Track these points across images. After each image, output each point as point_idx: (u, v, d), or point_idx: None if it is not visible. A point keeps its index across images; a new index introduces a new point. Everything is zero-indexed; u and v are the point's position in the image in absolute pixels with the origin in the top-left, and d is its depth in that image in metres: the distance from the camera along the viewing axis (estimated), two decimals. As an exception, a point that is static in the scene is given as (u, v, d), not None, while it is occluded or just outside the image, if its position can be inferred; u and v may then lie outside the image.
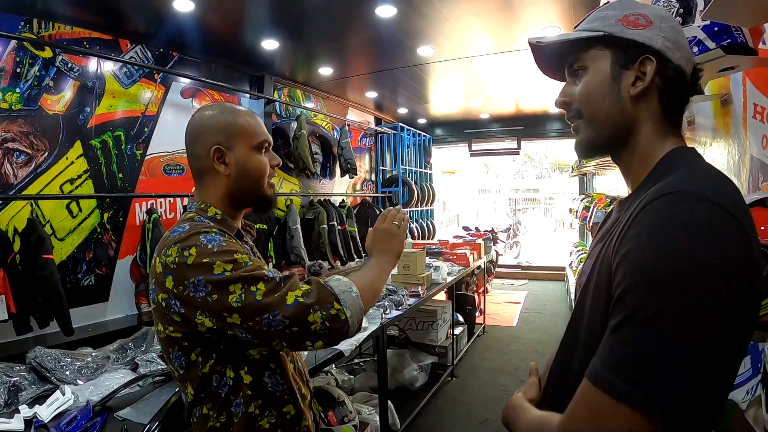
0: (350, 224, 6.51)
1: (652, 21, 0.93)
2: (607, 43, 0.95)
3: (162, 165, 4.36)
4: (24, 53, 3.32)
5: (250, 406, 1.28)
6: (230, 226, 1.39)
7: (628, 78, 0.93)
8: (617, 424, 0.71)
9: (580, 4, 3.93)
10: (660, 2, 1.71)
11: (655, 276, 0.72)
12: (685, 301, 0.69)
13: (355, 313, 1.23)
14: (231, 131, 1.37)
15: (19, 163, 3.29)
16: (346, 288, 1.25)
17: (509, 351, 5.84)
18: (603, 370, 0.74)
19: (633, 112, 0.94)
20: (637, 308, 0.72)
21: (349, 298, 1.23)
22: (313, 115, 6.64)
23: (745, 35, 1.50)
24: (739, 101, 2.05)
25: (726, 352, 0.72)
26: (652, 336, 0.70)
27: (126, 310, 3.98)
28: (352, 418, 2.91)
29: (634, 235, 0.78)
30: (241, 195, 1.41)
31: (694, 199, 0.75)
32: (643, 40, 0.92)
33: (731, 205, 0.75)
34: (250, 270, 1.19)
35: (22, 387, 1.97)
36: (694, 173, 0.85)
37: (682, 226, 0.73)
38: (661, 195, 0.78)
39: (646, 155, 0.95)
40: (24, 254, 3.00)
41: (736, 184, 0.82)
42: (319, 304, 1.18)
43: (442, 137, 10.44)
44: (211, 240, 1.22)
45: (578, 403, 0.79)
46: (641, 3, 0.98)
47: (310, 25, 4.28)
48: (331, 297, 1.20)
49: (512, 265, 11.61)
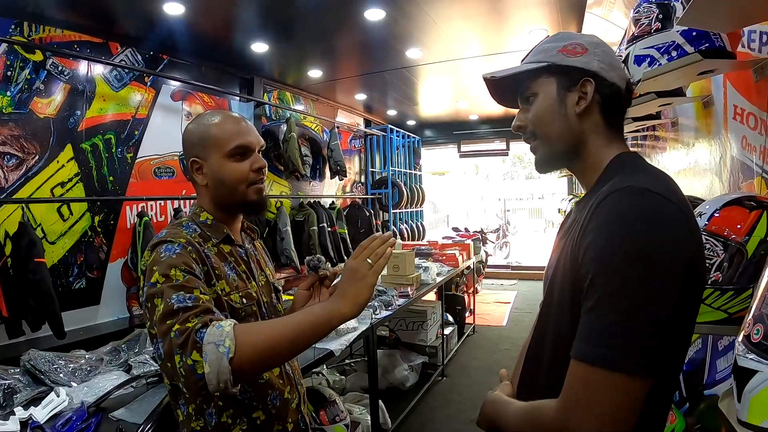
0: (340, 226, 6.53)
1: (587, 48, 1.07)
2: (551, 71, 1.08)
3: (152, 168, 4.36)
4: (15, 56, 3.32)
5: (222, 416, 1.30)
6: (218, 231, 1.41)
7: (572, 99, 1.06)
8: (611, 391, 0.82)
9: (567, 7, 3.98)
10: (640, 8, 1.75)
11: (614, 259, 0.85)
12: (642, 277, 0.82)
13: (215, 370, 1.04)
14: (204, 142, 1.40)
15: (9, 167, 3.28)
16: (216, 340, 1.06)
17: (499, 350, 5.88)
18: (587, 346, 0.85)
19: (579, 127, 1.07)
20: (605, 288, 0.84)
21: (213, 352, 1.05)
22: (303, 118, 6.65)
23: (723, 39, 1.55)
24: (720, 103, 2.10)
25: (679, 316, 0.85)
26: (621, 308, 0.82)
27: (117, 313, 3.98)
28: (343, 417, 2.93)
29: (593, 228, 0.90)
30: (223, 202, 1.44)
31: (639, 192, 0.88)
32: (581, 65, 1.05)
33: (671, 194, 0.89)
34: (169, 288, 1.15)
35: (16, 389, 1.98)
36: (637, 172, 0.98)
37: (632, 215, 0.86)
38: (612, 192, 0.90)
39: (596, 161, 1.08)
40: (15, 258, 3.00)
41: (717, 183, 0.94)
42: (181, 348, 1.06)
43: (432, 139, 10.49)
44: (168, 249, 1.24)
45: (571, 382, 0.88)
46: (577, 34, 1.14)
47: (299, 28, 4.30)
48: (194, 345, 1.05)
49: (502, 265, 11.68)
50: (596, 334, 0.84)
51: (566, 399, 0.88)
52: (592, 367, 0.83)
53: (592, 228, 0.90)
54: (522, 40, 4.74)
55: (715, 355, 1.73)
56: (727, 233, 1.30)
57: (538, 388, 1.05)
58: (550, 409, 0.91)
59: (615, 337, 0.82)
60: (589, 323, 0.86)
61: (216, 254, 1.38)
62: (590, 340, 0.85)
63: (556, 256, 1.07)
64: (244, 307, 1.37)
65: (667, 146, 3.33)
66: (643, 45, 1.73)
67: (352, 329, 2.88)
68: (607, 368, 0.82)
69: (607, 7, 3.75)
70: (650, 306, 0.81)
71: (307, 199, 6.33)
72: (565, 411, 0.87)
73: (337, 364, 4.68)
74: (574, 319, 0.91)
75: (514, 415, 1.05)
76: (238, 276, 1.41)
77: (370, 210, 7.61)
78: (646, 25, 1.73)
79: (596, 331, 0.84)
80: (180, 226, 1.38)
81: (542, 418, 0.93)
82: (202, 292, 1.18)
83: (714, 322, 1.30)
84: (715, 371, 1.71)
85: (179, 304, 1.12)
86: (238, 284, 1.39)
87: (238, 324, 1.12)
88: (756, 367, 0.87)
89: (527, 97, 1.13)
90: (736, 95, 1.89)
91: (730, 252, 1.28)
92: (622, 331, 0.81)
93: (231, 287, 1.36)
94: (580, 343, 0.87)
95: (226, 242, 1.43)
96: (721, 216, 1.33)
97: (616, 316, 0.82)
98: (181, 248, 1.25)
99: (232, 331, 1.08)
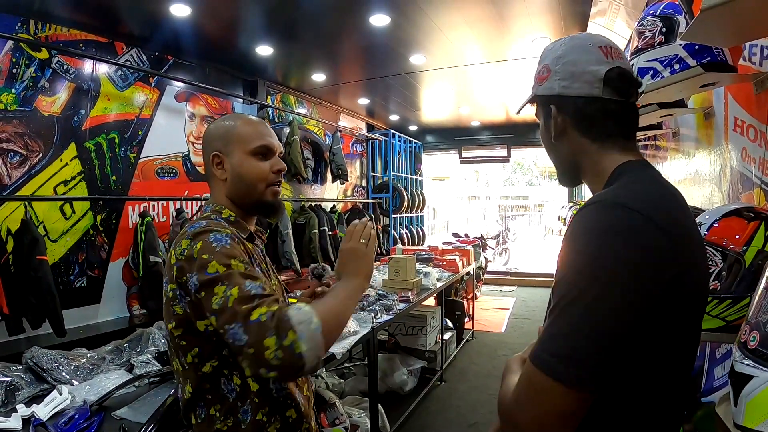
0: (341, 230, 6.54)
1: (551, 69, 1.06)
2: (535, 100, 1.13)
3: (155, 168, 4.38)
4: (20, 54, 3.34)
5: (258, 413, 1.30)
6: (244, 228, 1.43)
7: (549, 125, 1.09)
8: (547, 395, 0.82)
9: (570, 16, 4.01)
10: (644, 21, 1.77)
11: (572, 270, 0.87)
12: (596, 291, 0.81)
13: (312, 347, 1.11)
14: (228, 137, 1.43)
15: (13, 164, 3.31)
16: (305, 318, 1.12)
17: (497, 356, 5.88)
18: (537, 349, 0.86)
19: (563, 149, 1.10)
20: (562, 297, 0.85)
21: (307, 330, 1.11)
22: (306, 121, 6.68)
23: (724, 53, 1.57)
24: (720, 114, 2.12)
25: (635, 333, 0.82)
26: (570, 318, 0.83)
27: (117, 312, 4.00)
28: (343, 420, 2.94)
29: (565, 238, 0.92)
30: (240, 199, 1.45)
31: (611, 206, 0.88)
32: (546, 92, 1.07)
33: (651, 209, 0.86)
34: (238, 275, 1.18)
35: (19, 386, 1.99)
36: (623, 185, 0.96)
37: (596, 229, 0.87)
38: (587, 204, 0.91)
39: (598, 174, 1.05)
40: (17, 255, 3.02)
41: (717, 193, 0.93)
42: (277, 330, 1.09)
43: (433, 144, 10.51)
44: (219, 239, 1.24)
45: (521, 378, 0.90)
46: (551, 47, 1.10)
47: (304, 32, 4.33)
48: (288, 325, 1.10)
49: (501, 271, 11.65)
50: (545, 340, 0.86)
51: (516, 392, 0.90)
52: (536, 370, 0.84)
53: (564, 238, 0.93)
54: (525, 47, 4.77)
55: (712, 363, 1.75)
56: (725, 243, 1.31)
57: None
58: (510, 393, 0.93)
59: (557, 346, 0.83)
60: (545, 328, 0.88)
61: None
62: (540, 343, 0.86)
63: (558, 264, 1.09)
64: None
65: (668, 156, 3.34)
66: (646, 57, 1.75)
67: (353, 333, 2.89)
68: (543, 373, 0.83)
69: (611, 17, 3.78)
70: (595, 320, 0.81)
71: (309, 203, 6.36)
72: (513, 403, 0.90)
73: (336, 367, 4.68)
74: None
75: (504, 385, 1.04)
76: (263, 272, 1.41)
77: (371, 214, 7.65)
78: (649, 38, 1.75)
79: (546, 337, 0.86)
80: (207, 218, 1.38)
81: (505, 398, 0.94)
82: (265, 282, 1.23)
83: (712, 329, 1.32)
84: (712, 379, 1.72)
85: (255, 290, 1.16)
86: (264, 281, 1.37)
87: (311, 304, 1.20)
88: (752, 373, 0.89)
89: None
90: (737, 107, 1.91)
91: (729, 261, 1.30)
92: (565, 341, 0.82)
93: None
94: (536, 345, 0.88)
95: (250, 239, 1.46)
96: (720, 226, 1.35)
97: (562, 327, 0.84)
98: (230, 239, 1.27)
99: (313, 310, 1.16)
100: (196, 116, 4.83)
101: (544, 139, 1.13)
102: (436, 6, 3.78)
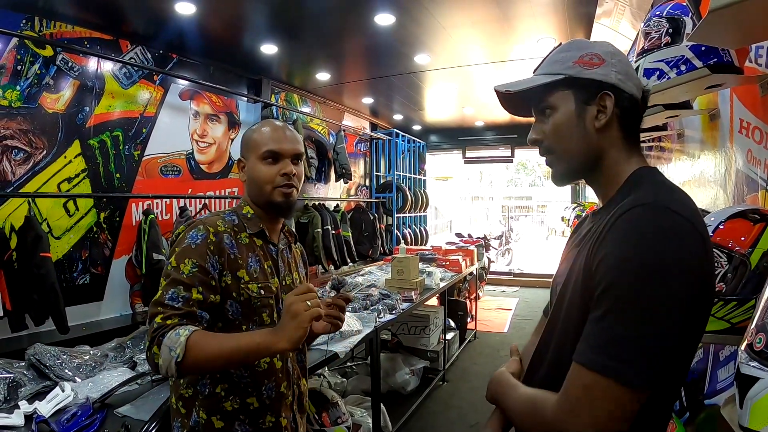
0: (344, 229, 6.56)
1: (604, 59, 1.04)
2: (568, 84, 1.06)
3: (159, 166, 4.39)
4: (25, 51, 3.35)
5: (216, 387, 1.45)
6: (254, 225, 1.57)
7: (591, 112, 1.04)
8: (608, 399, 0.84)
9: (576, 17, 4.00)
10: (650, 22, 1.77)
11: (630, 273, 0.86)
12: (656, 293, 0.83)
13: (166, 366, 1.24)
14: (247, 144, 1.59)
15: (17, 161, 3.31)
16: (172, 345, 1.24)
17: (500, 356, 5.87)
18: (592, 354, 0.87)
19: (598, 142, 1.06)
20: (617, 300, 0.86)
21: (167, 354, 1.24)
22: (310, 120, 6.69)
23: (731, 54, 1.56)
24: (726, 116, 2.11)
25: (687, 333, 0.87)
26: (632, 322, 0.84)
27: (120, 310, 4.01)
28: (345, 419, 2.94)
29: (611, 241, 0.90)
30: (255, 199, 1.59)
31: (659, 210, 0.89)
32: (599, 78, 1.03)
33: (689, 213, 0.89)
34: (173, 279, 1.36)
35: (21, 383, 1.99)
36: (658, 188, 0.97)
37: (650, 232, 0.87)
38: (632, 207, 0.90)
39: (615, 175, 1.06)
40: (21, 252, 3.03)
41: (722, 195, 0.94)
42: (151, 339, 1.29)
43: (437, 144, 10.50)
44: (193, 237, 1.43)
45: (572, 384, 0.90)
46: (591, 42, 1.10)
47: (309, 31, 4.33)
48: (157, 341, 1.26)
49: (504, 272, 11.65)
50: (603, 344, 0.86)
51: (566, 399, 0.90)
52: (595, 374, 0.85)
53: (610, 240, 0.91)
54: (530, 48, 4.76)
55: (716, 366, 1.74)
56: (731, 245, 1.31)
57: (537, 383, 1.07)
58: (550, 403, 0.93)
59: (621, 349, 0.84)
60: (597, 332, 0.88)
61: (245, 245, 1.52)
62: (596, 348, 0.86)
63: (569, 264, 1.07)
64: (261, 298, 1.50)
65: (673, 157, 3.33)
66: (652, 58, 1.74)
67: (356, 332, 2.89)
68: (608, 378, 0.84)
69: (616, 18, 3.77)
70: (658, 323, 0.83)
71: (312, 201, 6.36)
72: (563, 411, 0.90)
73: (339, 366, 4.68)
74: (580, 326, 0.93)
75: (517, 401, 1.07)
76: (261, 269, 1.54)
77: (374, 213, 7.65)
78: (656, 39, 1.74)
79: (603, 341, 0.86)
80: (222, 213, 1.56)
81: (544, 410, 0.94)
82: (200, 291, 1.36)
83: (717, 331, 1.31)
84: (716, 381, 1.72)
85: (170, 301, 1.32)
86: (258, 276, 1.51)
87: (195, 333, 1.27)
88: (758, 375, 0.89)
89: (543, 110, 1.11)
90: (743, 109, 1.90)
91: (734, 263, 1.30)
92: (629, 344, 0.83)
93: (251, 277, 1.49)
94: (586, 350, 0.88)
95: (260, 236, 1.58)
96: (726, 228, 1.35)
97: (624, 329, 0.84)
98: (203, 238, 1.42)
99: (185, 342, 1.24)
100: (200, 114, 4.83)
101: (571, 126, 1.06)
102: (441, 6, 3.77)
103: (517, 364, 1.24)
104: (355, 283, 4.18)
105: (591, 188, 1.16)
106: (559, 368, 0.96)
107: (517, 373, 1.21)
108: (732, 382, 1.43)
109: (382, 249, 7.65)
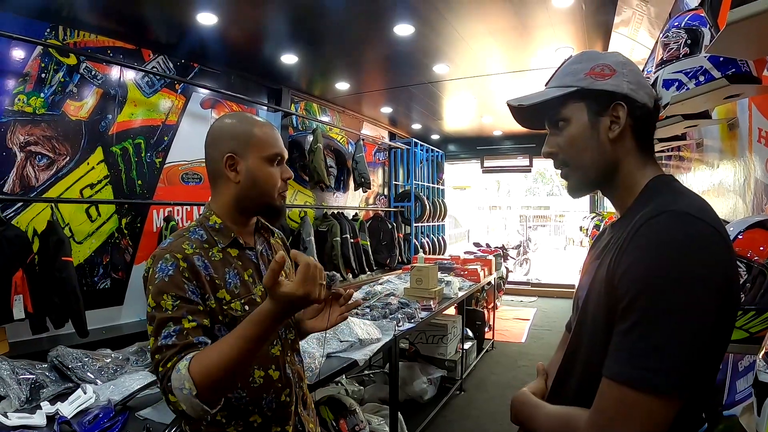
0: (363, 237, 6.57)
1: (615, 69, 1.05)
2: (581, 96, 1.07)
3: (180, 174, 4.44)
4: (49, 59, 3.41)
5: (216, 415, 1.30)
6: (225, 236, 1.43)
7: (605, 124, 1.05)
8: (642, 411, 0.84)
9: (594, 27, 3.99)
10: (669, 33, 1.77)
11: (657, 283, 0.85)
12: (684, 302, 0.83)
13: (190, 407, 1.15)
14: (246, 140, 1.43)
15: (41, 166, 3.37)
16: (179, 385, 1.15)
17: (517, 366, 5.84)
18: (621, 367, 0.86)
19: (613, 152, 1.07)
20: (645, 311, 0.85)
21: (181, 395, 1.15)
22: (329, 129, 6.72)
23: (749, 65, 1.56)
24: (744, 126, 2.09)
25: (714, 339, 0.86)
26: (661, 332, 0.83)
27: (140, 314, 4.03)
28: (363, 427, 2.94)
29: (634, 250, 0.90)
30: (248, 202, 1.45)
31: (680, 216, 0.89)
32: (611, 89, 1.04)
33: (712, 219, 0.89)
34: (158, 320, 1.24)
35: (43, 384, 2.02)
36: (677, 196, 0.97)
37: (675, 240, 0.86)
38: (654, 216, 0.90)
39: (631, 185, 1.07)
40: (43, 256, 3.07)
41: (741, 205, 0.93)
42: (164, 392, 1.18)
43: (455, 153, 10.50)
44: (162, 269, 1.30)
45: (603, 399, 0.89)
46: (602, 53, 1.11)
47: (328, 41, 4.37)
48: (169, 389, 1.16)
49: (522, 282, 11.59)
50: (633, 356, 0.85)
51: (599, 415, 0.89)
52: (627, 388, 0.84)
53: (633, 249, 0.90)
54: (548, 58, 4.75)
55: (734, 376, 1.72)
56: (750, 255, 1.30)
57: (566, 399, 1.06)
58: (583, 420, 0.93)
59: (650, 359, 0.83)
60: (626, 344, 0.87)
61: (220, 260, 1.40)
62: (626, 361, 0.86)
63: (590, 277, 1.07)
64: (246, 314, 1.29)
65: (692, 167, 3.30)
66: (671, 69, 1.74)
67: (375, 340, 2.89)
68: (641, 390, 0.83)
69: (634, 27, 3.76)
70: (687, 331, 0.82)
71: (331, 210, 6.38)
72: (597, 427, 0.89)
73: (356, 374, 4.69)
74: (607, 339, 0.92)
75: (545, 420, 1.06)
76: (242, 282, 1.41)
77: (393, 222, 7.64)
78: (674, 50, 1.74)
79: (633, 353, 0.85)
80: (187, 231, 1.42)
81: (577, 429, 0.94)
82: (191, 320, 1.25)
83: (736, 341, 1.30)
84: (734, 392, 1.69)
85: (164, 341, 1.21)
86: (240, 291, 1.39)
87: (193, 359, 1.17)
88: (776, 383, 0.88)
89: (556, 122, 1.12)
90: (761, 118, 1.88)
91: (753, 273, 1.28)
92: (658, 353, 0.82)
93: (232, 295, 1.37)
94: (615, 364, 0.88)
95: (234, 246, 1.45)
96: (745, 238, 1.33)
97: (655, 339, 0.83)
98: (174, 268, 1.29)
99: (187, 374, 1.14)
100: (220, 123, 4.84)
101: (585, 138, 1.07)
102: (460, 16, 3.78)
103: (541, 383, 1.24)
104: (374, 291, 4.19)
105: (608, 198, 1.15)
106: (589, 383, 0.95)
107: (540, 392, 1.20)
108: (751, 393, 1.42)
109: (400, 258, 7.65)
